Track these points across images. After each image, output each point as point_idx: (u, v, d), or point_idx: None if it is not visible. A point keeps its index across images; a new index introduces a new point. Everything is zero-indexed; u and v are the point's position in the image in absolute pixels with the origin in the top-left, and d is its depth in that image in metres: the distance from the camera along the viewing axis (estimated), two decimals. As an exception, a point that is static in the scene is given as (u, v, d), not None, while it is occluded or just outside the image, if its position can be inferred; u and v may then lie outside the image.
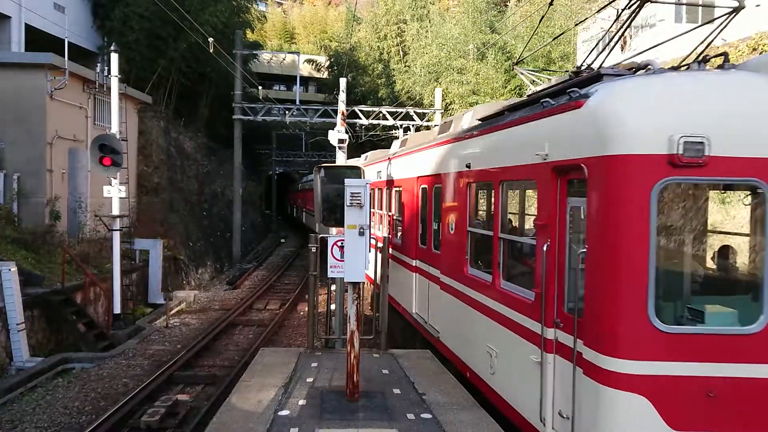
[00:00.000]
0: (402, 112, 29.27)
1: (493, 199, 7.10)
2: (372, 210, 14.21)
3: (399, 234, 12.24)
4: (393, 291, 10.98)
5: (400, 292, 11.50)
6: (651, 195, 4.47)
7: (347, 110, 20.94)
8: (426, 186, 10.12)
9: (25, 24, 22.58)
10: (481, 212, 8.97)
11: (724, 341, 4.48)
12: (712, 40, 5.53)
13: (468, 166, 7.73)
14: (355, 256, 6.72)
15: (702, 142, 4.42)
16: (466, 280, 7.69)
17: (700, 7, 29.35)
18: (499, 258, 6.63)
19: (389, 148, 16.02)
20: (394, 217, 12.79)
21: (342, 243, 7.01)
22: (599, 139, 4.72)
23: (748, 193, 5.11)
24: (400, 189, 12.06)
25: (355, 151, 25.20)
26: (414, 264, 10.55)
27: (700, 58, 5.31)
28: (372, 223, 14.26)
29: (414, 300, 10.50)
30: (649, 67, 5.26)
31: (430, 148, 9.90)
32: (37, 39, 23.44)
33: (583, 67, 6.43)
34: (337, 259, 7.29)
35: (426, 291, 9.73)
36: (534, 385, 5.49)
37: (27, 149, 16.40)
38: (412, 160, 11.17)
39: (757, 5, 27.56)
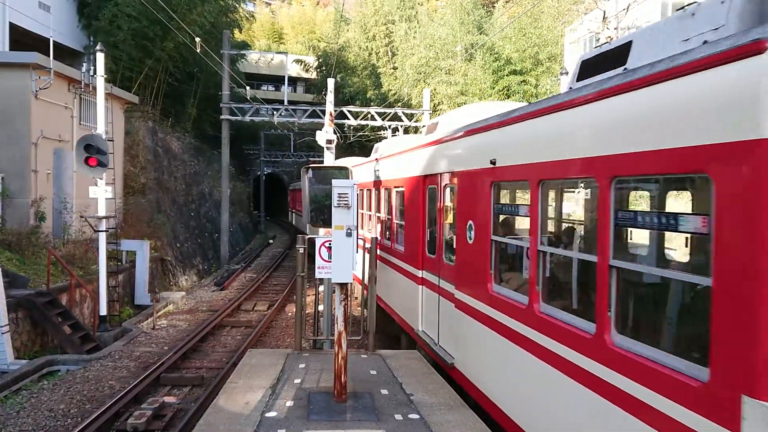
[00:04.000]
0: (390, 113, 29.30)
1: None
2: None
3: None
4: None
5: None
6: None
7: (335, 111, 20.95)
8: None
9: (9, 23, 22.40)
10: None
11: None
12: None
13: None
14: (342, 256, 6.72)
15: None
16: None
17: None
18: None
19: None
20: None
21: (329, 244, 7.00)
22: None
23: None
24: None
25: (344, 151, 25.23)
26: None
27: None
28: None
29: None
30: None
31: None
32: (21, 38, 23.26)
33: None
34: (325, 260, 7.29)
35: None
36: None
37: (11, 149, 16.24)
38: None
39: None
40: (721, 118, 3.43)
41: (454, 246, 7.91)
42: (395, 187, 11.56)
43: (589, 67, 5.50)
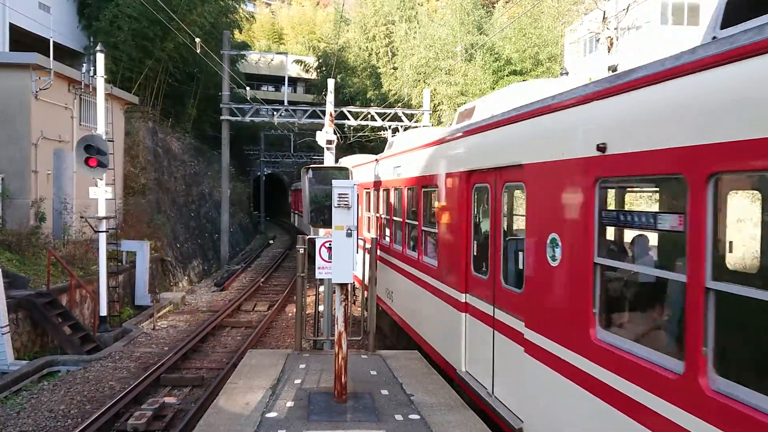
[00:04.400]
0: (390, 113, 29.29)
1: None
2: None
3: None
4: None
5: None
6: None
7: (335, 111, 20.95)
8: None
9: (9, 23, 22.41)
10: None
11: None
12: None
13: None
14: (342, 257, 6.71)
15: None
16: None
17: (686, 9, 29.70)
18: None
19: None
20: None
21: (330, 244, 7.00)
22: None
23: None
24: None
25: (344, 152, 25.23)
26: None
27: None
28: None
29: None
30: None
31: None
32: (21, 39, 23.26)
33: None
34: (325, 260, 7.29)
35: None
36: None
37: (11, 150, 16.24)
38: None
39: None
40: None
41: (523, 267, 5.92)
42: (423, 186, 9.54)
43: (742, 7, 3.85)
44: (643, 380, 3.96)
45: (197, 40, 21.62)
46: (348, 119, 28.61)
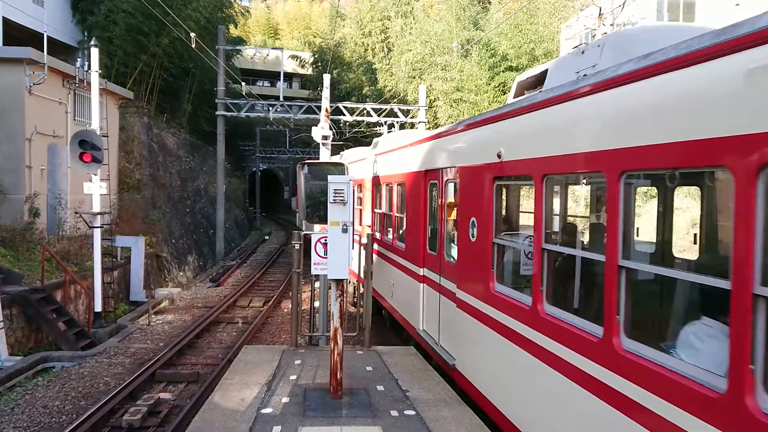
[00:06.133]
0: (386, 109, 29.24)
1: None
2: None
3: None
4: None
5: None
6: None
7: (331, 107, 20.85)
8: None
9: (3, 18, 22.27)
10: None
11: None
12: None
13: None
14: (338, 253, 6.71)
15: None
16: None
17: (681, 5, 29.74)
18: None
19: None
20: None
21: (325, 240, 7.00)
22: None
23: None
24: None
25: (339, 148, 25.19)
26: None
27: None
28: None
29: None
30: None
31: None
32: (15, 33, 23.12)
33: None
34: (321, 256, 7.28)
35: None
36: None
37: (5, 145, 16.16)
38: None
39: (737, 4, 27.96)
40: None
41: None
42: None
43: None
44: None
45: (192, 35, 21.51)
46: (344, 115, 28.54)
